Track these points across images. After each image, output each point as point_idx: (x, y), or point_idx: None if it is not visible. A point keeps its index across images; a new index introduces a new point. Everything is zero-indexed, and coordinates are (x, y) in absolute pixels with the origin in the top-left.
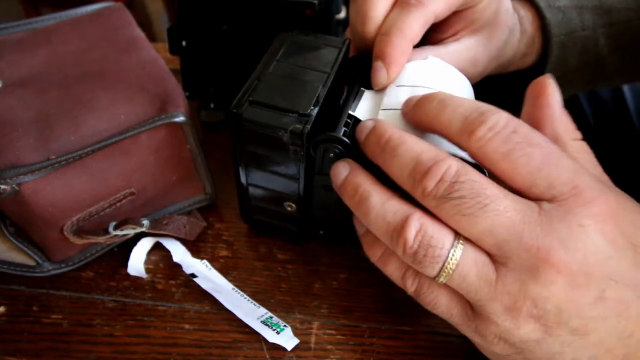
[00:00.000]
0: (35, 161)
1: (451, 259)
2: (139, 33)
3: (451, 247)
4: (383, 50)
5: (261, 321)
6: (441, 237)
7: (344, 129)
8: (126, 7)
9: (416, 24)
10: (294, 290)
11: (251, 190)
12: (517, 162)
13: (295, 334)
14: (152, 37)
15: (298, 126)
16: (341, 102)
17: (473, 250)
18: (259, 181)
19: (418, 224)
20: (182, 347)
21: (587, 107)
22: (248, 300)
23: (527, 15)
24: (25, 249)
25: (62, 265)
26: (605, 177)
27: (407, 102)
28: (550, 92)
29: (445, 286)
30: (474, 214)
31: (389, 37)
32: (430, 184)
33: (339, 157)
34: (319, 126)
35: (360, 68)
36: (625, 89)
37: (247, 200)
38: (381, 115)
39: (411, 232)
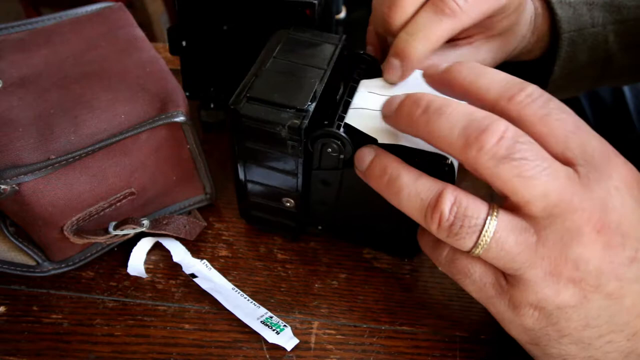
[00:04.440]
0: (35, 161)
1: (488, 228)
2: (139, 33)
3: (487, 217)
4: (405, 50)
5: (261, 321)
6: (476, 207)
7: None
8: (126, 7)
9: (445, 35)
10: (294, 290)
11: (250, 186)
12: (553, 124)
13: (295, 334)
14: (152, 37)
15: (296, 121)
16: (338, 97)
17: (509, 217)
18: (257, 177)
19: (452, 197)
20: (182, 347)
21: (587, 107)
22: (248, 300)
23: (538, 8)
24: (25, 249)
25: (62, 265)
26: None
27: (432, 66)
28: None
29: (479, 259)
30: (534, 176)
31: (414, 41)
32: (491, 140)
33: (337, 152)
34: (317, 122)
35: (356, 64)
36: (626, 89)
37: (245, 196)
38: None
39: (447, 205)
